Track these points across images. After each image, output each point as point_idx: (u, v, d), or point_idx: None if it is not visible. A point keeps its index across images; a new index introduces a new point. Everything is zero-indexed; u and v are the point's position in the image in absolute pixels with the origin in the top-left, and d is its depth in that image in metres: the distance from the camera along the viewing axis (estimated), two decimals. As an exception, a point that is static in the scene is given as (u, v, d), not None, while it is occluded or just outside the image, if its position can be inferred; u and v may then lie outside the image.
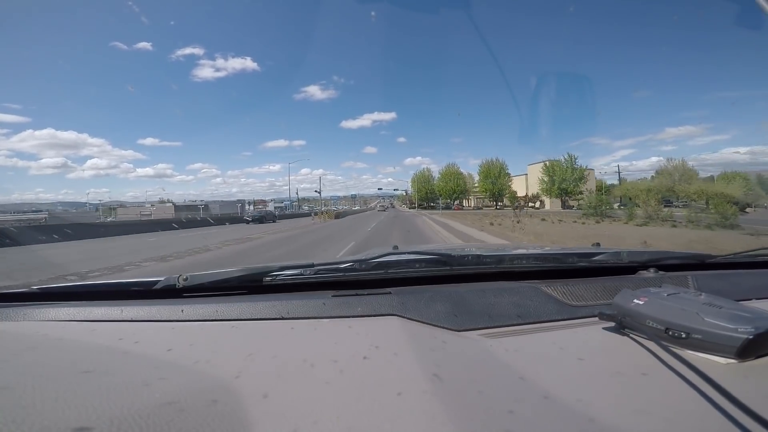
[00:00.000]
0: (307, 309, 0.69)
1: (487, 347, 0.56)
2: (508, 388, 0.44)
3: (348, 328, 0.62)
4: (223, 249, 9.84)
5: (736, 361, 0.49)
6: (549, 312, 0.70)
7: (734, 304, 0.55)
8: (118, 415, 0.36)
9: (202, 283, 0.78)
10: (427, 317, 0.66)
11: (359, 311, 0.69)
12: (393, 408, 0.39)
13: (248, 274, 0.79)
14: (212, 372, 0.47)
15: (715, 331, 0.49)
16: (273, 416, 0.37)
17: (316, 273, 0.81)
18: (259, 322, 0.66)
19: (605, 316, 0.62)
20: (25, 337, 0.61)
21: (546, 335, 0.62)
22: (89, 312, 0.71)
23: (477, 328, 0.64)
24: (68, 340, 0.59)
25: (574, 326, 0.65)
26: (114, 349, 0.54)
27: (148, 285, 0.79)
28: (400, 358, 0.50)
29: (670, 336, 0.53)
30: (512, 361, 0.51)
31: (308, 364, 0.48)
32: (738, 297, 0.70)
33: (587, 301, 0.74)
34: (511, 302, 0.71)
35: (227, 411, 0.38)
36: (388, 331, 0.60)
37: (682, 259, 0.99)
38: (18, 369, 0.48)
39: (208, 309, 0.69)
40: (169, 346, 0.55)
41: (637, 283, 0.83)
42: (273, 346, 0.56)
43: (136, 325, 0.66)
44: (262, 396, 0.41)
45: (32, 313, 0.72)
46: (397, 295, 0.73)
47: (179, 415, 0.36)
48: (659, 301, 0.58)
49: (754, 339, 0.47)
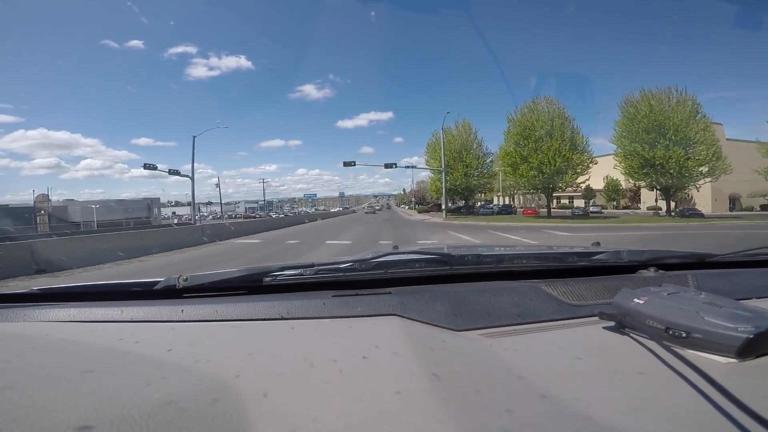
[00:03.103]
0: (307, 309, 0.69)
1: (486, 347, 0.57)
2: (506, 388, 0.44)
3: (348, 327, 0.62)
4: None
5: (736, 361, 0.49)
6: (549, 311, 0.70)
7: (735, 304, 0.55)
8: (119, 414, 0.36)
9: (203, 284, 0.78)
10: (427, 317, 0.66)
11: (359, 311, 0.68)
12: (392, 407, 0.39)
13: (248, 275, 0.79)
14: (212, 371, 0.47)
15: (715, 330, 0.49)
16: (272, 415, 0.38)
17: (316, 273, 0.80)
18: (259, 322, 0.66)
19: (605, 315, 0.62)
20: (26, 337, 0.61)
21: (546, 335, 0.62)
22: (90, 312, 0.71)
23: (477, 328, 0.64)
24: (69, 341, 0.59)
25: (574, 326, 0.65)
26: (115, 350, 0.54)
27: (149, 285, 0.79)
28: (400, 357, 0.50)
29: (670, 335, 0.53)
30: (511, 360, 0.51)
31: (308, 364, 0.49)
32: (738, 296, 0.70)
33: (587, 301, 0.74)
34: (511, 302, 0.71)
35: (227, 410, 0.38)
36: (387, 331, 0.60)
37: (682, 258, 0.99)
38: (19, 369, 0.48)
39: (208, 309, 0.69)
40: (169, 346, 0.55)
41: (637, 282, 0.83)
42: (273, 345, 0.56)
43: (137, 326, 0.66)
44: (262, 395, 0.41)
45: (33, 313, 0.72)
46: (397, 295, 0.73)
47: (180, 414, 0.36)
48: (659, 300, 0.57)
49: (755, 338, 0.47)
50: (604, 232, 14.45)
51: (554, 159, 23.94)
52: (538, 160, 24.09)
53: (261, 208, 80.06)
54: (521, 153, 25.09)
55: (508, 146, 26.29)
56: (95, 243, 9.03)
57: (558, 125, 24.91)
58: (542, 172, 24.26)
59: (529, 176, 24.54)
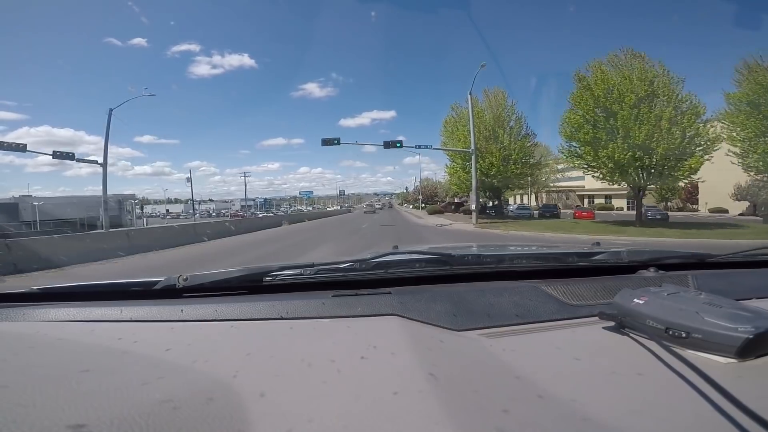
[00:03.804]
0: (307, 309, 0.68)
1: (485, 347, 0.56)
2: (503, 388, 0.44)
3: (347, 327, 0.62)
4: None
5: (736, 361, 0.48)
6: (549, 312, 0.69)
7: (734, 304, 0.55)
8: (117, 413, 0.36)
9: (202, 284, 0.77)
10: (427, 317, 0.66)
11: (359, 311, 0.68)
12: (389, 407, 0.39)
13: (248, 274, 0.78)
14: (210, 371, 0.47)
15: (715, 330, 0.49)
16: (269, 415, 0.37)
17: (316, 273, 0.80)
18: (259, 322, 0.65)
19: (605, 315, 0.61)
20: (24, 336, 0.61)
21: (545, 335, 0.62)
22: (88, 312, 0.71)
23: (476, 328, 0.63)
24: (67, 340, 0.59)
25: (574, 326, 0.65)
26: (113, 349, 0.54)
27: (148, 285, 0.79)
28: (398, 357, 0.50)
29: (670, 335, 0.53)
30: (510, 360, 0.51)
31: (306, 364, 0.48)
32: (738, 296, 0.70)
33: (587, 301, 0.74)
34: (511, 302, 0.71)
35: (224, 409, 0.38)
36: (386, 331, 0.60)
37: (683, 259, 0.98)
38: (17, 368, 0.48)
39: (207, 309, 0.69)
40: (167, 346, 0.54)
41: (637, 282, 0.82)
42: (271, 345, 0.56)
43: (136, 325, 0.66)
44: (259, 395, 0.41)
45: (31, 313, 0.72)
46: (396, 295, 0.73)
47: (176, 413, 0.36)
48: (659, 300, 0.57)
49: (755, 338, 0.47)
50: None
51: (669, 130, 14.23)
52: (644, 131, 14.33)
53: (258, 206, 78.15)
54: (606, 125, 15.39)
55: (574, 117, 16.54)
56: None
57: (664, 85, 15.26)
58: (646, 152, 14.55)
59: (625, 158, 14.77)
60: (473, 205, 18.92)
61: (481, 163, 21.10)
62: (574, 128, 16.52)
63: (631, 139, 14.63)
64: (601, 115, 15.79)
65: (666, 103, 14.96)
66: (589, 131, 15.75)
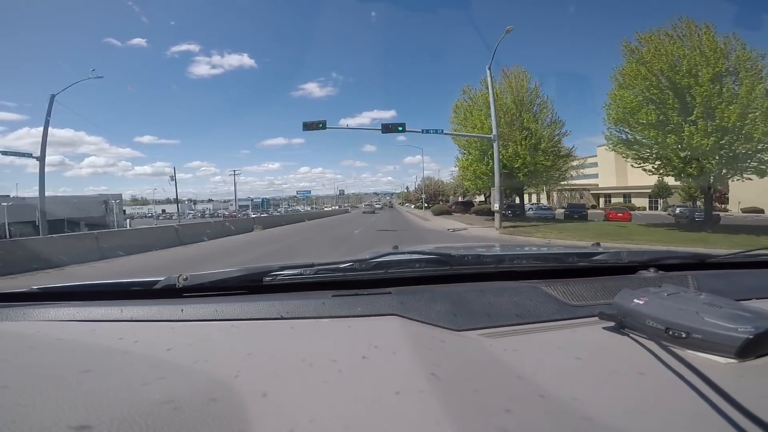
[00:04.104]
0: (307, 309, 0.68)
1: (485, 347, 0.57)
2: (504, 387, 0.44)
3: (347, 327, 0.62)
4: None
5: (735, 361, 0.49)
6: (549, 312, 0.69)
7: (734, 304, 0.55)
8: (118, 414, 0.36)
9: (202, 283, 0.77)
10: (427, 317, 0.66)
11: (359, 311, 0.68)
12: (390, 407, 0.39)
13: (248, 274, 0.78)
14: (211, 371, 0.47)
15: (715, 330, 0.49)
16: (271, 415, 0.37)
17: (316, 273, 0.80)
18: (259, 322, 0.65)
19: (605, 315, 0.61)
20: (24, 336, 0.61)
21: (545, 335, 0.62)
22: (89, 312, 0.70)
23: (476, 328, 0.63)
24: (68, 340, 0.59)
25: (574, 326, 0.65)
26: (114, 349, 0.54)
27: (148, 285, 0.79)
28: (399, 357, 0.50)
29: (670, 336, 0.53)
30: (510, 360, 0.51)
31: (307, 364, 0.49)
32: (738, 297, 0.70)
33: (587, 301, 0.74)
34: (511, 302, 0.71)
35: (225, 410, 0.38)
36: (387, 331, 0.60)
37: (682, 259, 0.98)
38: (18, 368, 0.48)
39: (207, 309, 0.69)
40: (168, 346, 0.54)
41: (637, 282, 0.82)
42: (272, 345, 0.56)
43: (136, 325, 0.65)
44: (260, 395, 0.41)
45: (32, 313, 0.72)
46: (396, 295, 0.73)
47: (178, 413, 0.36)
48: (659, 300, 0.57)
49: (754, 339, 0.47)
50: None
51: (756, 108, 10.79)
52: (736, 111, 10.83)
53: (255, 206, 77.63)
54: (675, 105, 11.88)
55: (627, 97, 12.90)
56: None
57: (748, 58, 11.94)
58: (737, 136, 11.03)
59: (709, 144, 11.22)
60: (496, 204, 14.63)
61: (503, 152, 16.72)
62: (629, 111, 13.01)
63: (717, 120, 11.20)
64: (669, 93, 12.23)
65: (755, 78, 11.53)
66: (651, 113, 12.25)
